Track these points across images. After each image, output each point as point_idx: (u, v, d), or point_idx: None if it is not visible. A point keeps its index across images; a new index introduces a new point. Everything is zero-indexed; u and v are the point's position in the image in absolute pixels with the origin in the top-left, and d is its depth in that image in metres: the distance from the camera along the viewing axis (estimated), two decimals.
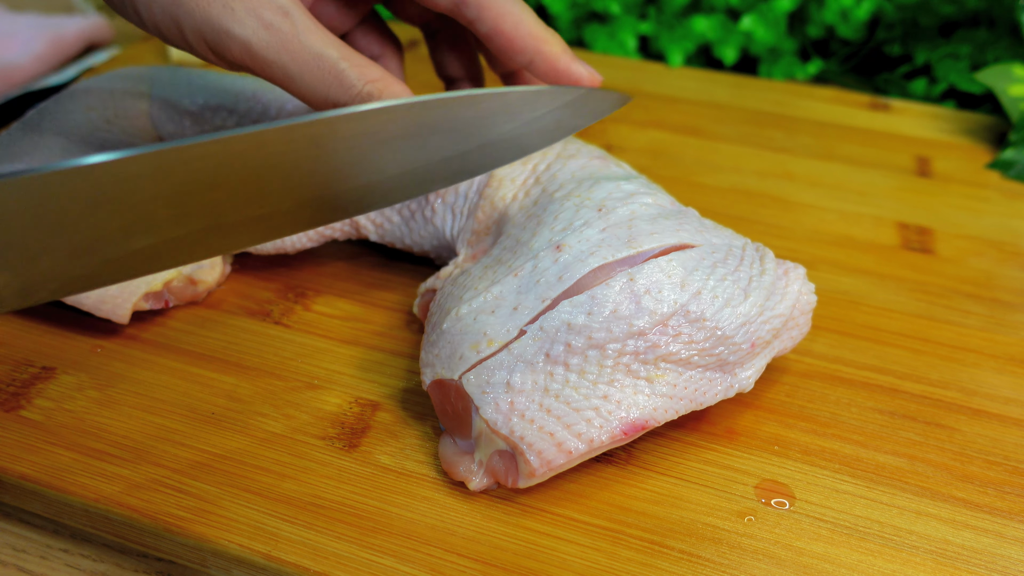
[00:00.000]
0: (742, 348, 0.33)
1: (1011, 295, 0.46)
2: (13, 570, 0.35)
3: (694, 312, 0.32)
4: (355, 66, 0.34)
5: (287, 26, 0.34)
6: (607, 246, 0.33)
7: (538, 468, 0.30)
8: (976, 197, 0.55)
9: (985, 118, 0.65)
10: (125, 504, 0.32)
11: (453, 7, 0.38)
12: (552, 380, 0.32)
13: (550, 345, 0.32)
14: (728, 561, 0.31)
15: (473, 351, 0.32)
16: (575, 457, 0.31)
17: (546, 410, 0.31)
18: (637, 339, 0.32)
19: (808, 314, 0.36)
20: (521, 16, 0.37)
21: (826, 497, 0.34)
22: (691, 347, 0.32)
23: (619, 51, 0.74)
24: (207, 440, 0.35)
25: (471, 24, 0.38)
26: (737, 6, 0.71)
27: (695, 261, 0.34)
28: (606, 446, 0.31)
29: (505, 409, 0.31)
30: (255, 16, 0.33)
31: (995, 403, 0.39)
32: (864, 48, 0.73)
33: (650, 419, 0.32)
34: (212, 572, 0.32)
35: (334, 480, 0.33)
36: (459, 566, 0.30)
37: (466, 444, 0.33)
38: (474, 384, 0.32)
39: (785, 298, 0.35)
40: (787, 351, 0.37)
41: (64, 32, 0.70)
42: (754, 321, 0.34)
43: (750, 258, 0.35)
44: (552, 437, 0.31)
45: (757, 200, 0.53)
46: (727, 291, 0.33)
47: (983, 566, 0.31)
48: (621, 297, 0.32)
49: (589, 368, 0.32)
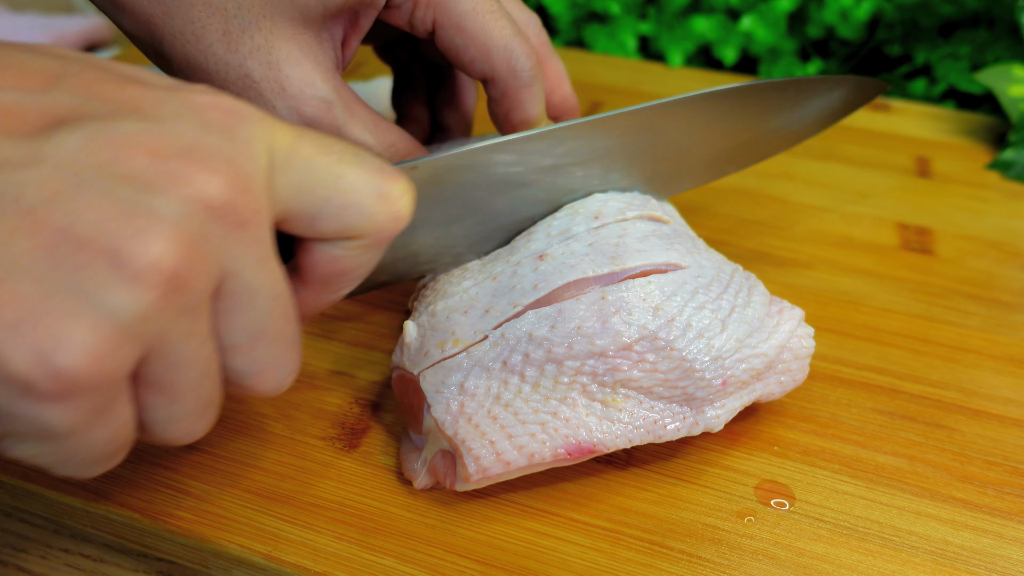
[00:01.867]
0: (712, 384, 0.31)
1: (1011, 295, 0.46)
2: (13, 570, 0.35)
3: (662, 339, 0.31)
4: (400, 140, 0.36)
5: (329, 120, 0.34)
6: (589, 260, 0.33)
7: (474, 474, 0.30)
8: (976, 197, 0.55)
9: (985, 118, 0.65)
10: (125, 504, 0.32)
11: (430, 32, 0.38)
12: (505, 389, 0.31)
13: (509, 353, 0.31)
14: (728, 561, 0.31)
15: (439, 349, 0.32)
16: (513, 469, 0.30)
17: (492, 417, 0.31)
18: (597, 359, 0.31)
19: (804, 360, 0.34)
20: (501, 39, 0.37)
21: (826, 497, 0.34)
22: (654, 376, 0.31)
23: (619, 51, 0.74)
24: (207, 440, 0.35)
25: None
26: (737, 6, 0.71)
27: (675, 285, 0.32)
28: (548, 463, 0.31)
29: (455, 411, 0.31)
30: (296, 115, 0.33)
31: (995, 403, 0.39)
32: (864, 48, 0.73)
33: (598, 443, 0.31)
34: (212, 572, 0.32)
35: (334, 480, 0.33)
36: (459, 566, 0.30)
37: (419, 439, 0.33)
38: (430, 382, 0.31)
39: (772, 337, 0.33)
40: (776, 396, 0.35)
41: (64, 32, 0.70)
42: (728, 357, 0.32)
43: (736, 287, 0.34)
44: (493, 445, 0.30)
45: (757, 200, 0.53)
46: (703, 320, 0.32)
47: (983, 566, 0.31)
48: (588, 314, 0.31)
49: (544, 382, 0.31)
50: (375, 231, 0.26)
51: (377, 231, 0.26)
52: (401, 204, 0.26)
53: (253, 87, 0.33)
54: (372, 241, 0.26)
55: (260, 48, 0.32)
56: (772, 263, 0.47)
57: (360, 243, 0.26)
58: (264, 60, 0.33)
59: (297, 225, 0.25)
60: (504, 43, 0.36)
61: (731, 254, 0.48)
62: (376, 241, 0.26)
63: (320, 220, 0.25)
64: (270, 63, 0.33)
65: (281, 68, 0.33)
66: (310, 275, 0.27)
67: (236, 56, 0.32)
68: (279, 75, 0.33)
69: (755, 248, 0.49)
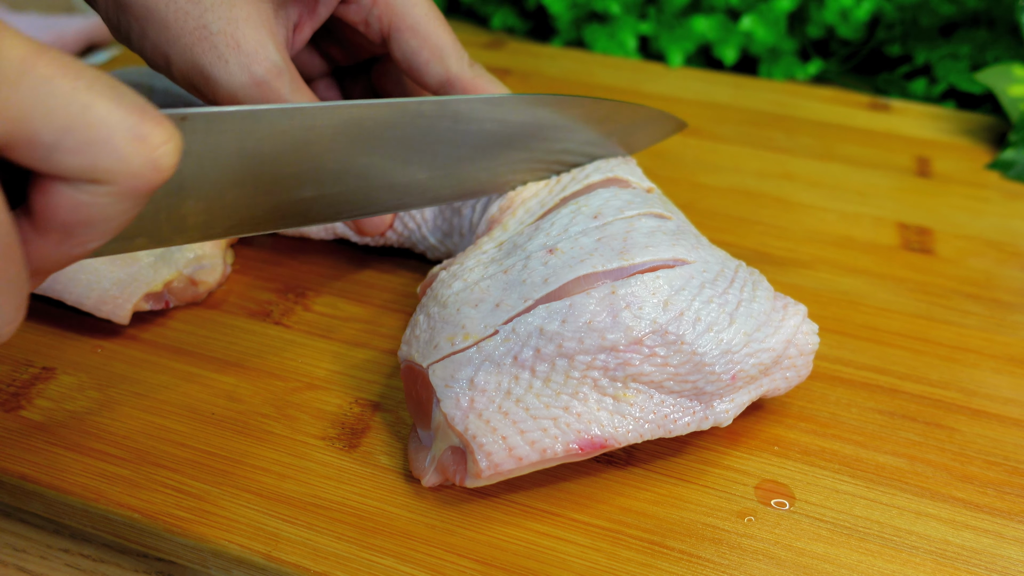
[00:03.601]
0: (721, 379, 0.32)
1: (1011, 295, 0.46)
2: (13, 570, 0.35)
3: (672, 334, 0.31)
4: None
5: (277, 85, 0.35)
6: (599, 255, 0.33)
7: (485, 470, 0.30)
8: (976, 197, 0.55)
9: (985, 118, 0.65)
10: (125, 504, 0.32)
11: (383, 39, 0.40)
12: (516, 384, 0.31)
13: (520, 348, 0.31)
14: (728, 561, 0.31)
15: (448, 342, 0.32)
16: (525, 465, 0.30)
17: (504, 413, 0.30)
18: (608, 354, 0.31)
19: (808, 356, 0.34)
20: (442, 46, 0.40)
21: (826, 497, 0.34)
22: (664, 370, 0.31)
23: (619, 51, 0.74)
24: (207, 440, 0.35)
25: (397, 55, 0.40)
26: (737, 6, 0.71)
27: (683, 280, 0.32)
28: (560, 459, 0.31)
29: (465, 406, 0.31)
30: (247, 71, 0.34)
31: (995, 403, 0.39)
32: (864, 48, 0.73)
33: (609, 438, 0.31)
34: (212, 572, 0.32)
35: (334, 480, 0.33)
36: (459, 566, 0.30)
37: (427, 437, 0.33)
38: (439, 376, 0.31)
39: (778, 332, 0.33)
40: (780, 392, 0.35)
41: (64, 32, 0.70)
42: (737, 351, 0.32)
43: (741, 281, 0.34)
44: (504, 441, 0.30)
45: (757, 200, 0.53)
46: (711, 315, 0.32)
47: (983, 566, 0.31)
48: (599, 308, 0.31)
49: (555, 377, 0.31)
50: (128, 177, 0.23)
51: (131, 177, 0.23)
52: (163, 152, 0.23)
53: (208, 39, 0.33)
54: (125, 189, 0.23)
55: (222, 4, 0.34)
56: (772, 263, 0.47)
57: (110, 189, 0.23)
58: (224, 16, 0.34)
59: (30, 155, 0.22)
60: (452, 42, 0.39)
61: (732, 254, 0.47)
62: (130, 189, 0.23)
63: (59, 153, 0.22)
64: (229, 19, 0.34)
65: (239, 26, 0.34)
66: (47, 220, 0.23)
67: (197, 7, 0.33)
68: (236, 32, 0.34)
69: (755, 248, 0.49)
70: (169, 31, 0.33)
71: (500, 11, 0.78)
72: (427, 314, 0.33)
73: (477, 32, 0.78)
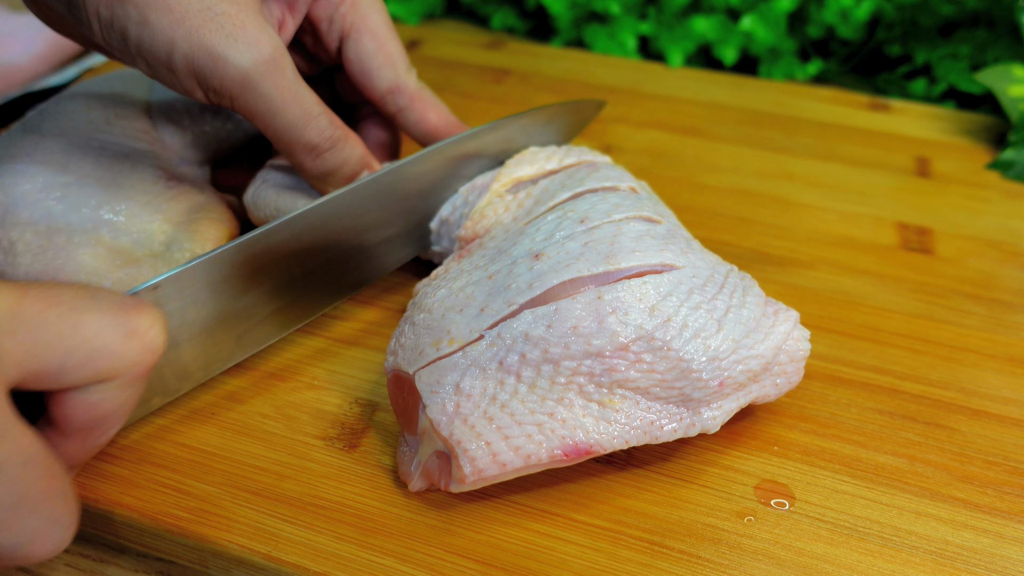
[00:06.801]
0: (709, 385, 0.31)
1: (1011, 295, 0.46)
2: (13, 570, 0.35)
3: (659, 340, 0.31)
4: (326, 112, 0.38)
5: (284, 63, 0.36)
6: (585, 260, 0.32)
7: (469, 475, 0.30)
8: (976, 197, 0.55)
9: (985, 118, 0.65)
10: (125, 504, 0.32)
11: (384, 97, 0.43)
12: (501, 389, 0.31)
13: (505, 353, 0.31)
14: (728, 561, 0.31)
15: (434, 348, 0.32)
16: (509, 471, 0.30)
17: (489, 418, 0.30)
18: (594, 360, 0.31)
19: (800, 363, 0.34)
20: None
21: (826, 497, 0.34)
22: (651, 376, 0.31)
23: (619, 51, 0.74)
24: (207, 440, 0.35)
25: (397, 115, 0.43)
26: (737, 6, 0.71)
27: (670, 285, 0.32)
28: (545, 465, 0.30)
29: (450, 411, 0.31)
30: (256, 49, 0.35)
31: (995, 403, 0.39)
32: (864, 48, 0.73)
33: (595, 445, 0.31)
34: (212, 572, 0.32)
35: (334, 480, 0.33)
36: (459, 566, 0.30)
37: (414, 442, 0.33)
38: (425, 382, 0.31)
39: (768, 339, 0.33)
40: (771, 399, 0.35)
41: None
42: (725, 358, 0.32)
43: (731, 287, 0.33)
44: (488, 447, 0.30)
45: (757, 200, 0.53)
46: (699, 321, 0.32)
47: (983, 566, 0.31)
48: (584, 314, 0.31)
49: (541, 382, 0.31)
50: (129, 368, 0.25)
51: (132, 367, 0.25)
52: (151, 335, 0.25)
53: (216, 19, 0.34)
54: (129, 378, 0.25)
55: None
56: (772, 263, 0.47)
57: (116, 383, 0.25)
58: None
59: (42, 382, 0.24)
60: (404, 54, 0.42)
61: (731, 254, 0.48)
62: (133, 377, 0.25)
63: (66, 373, 0.24)
64: (233, 2, 0.34)
65: (242, 8, 0.35)
66: (69, 426, 0.25)
67: None
68: (242, 14, 0.34)
69: (755, 248, 0.49)
70: (173, 14, 0.33)
71: (500, 11, 0.78)
72: (412, 323, 0.33)
73: (477, 32, 0.78)
